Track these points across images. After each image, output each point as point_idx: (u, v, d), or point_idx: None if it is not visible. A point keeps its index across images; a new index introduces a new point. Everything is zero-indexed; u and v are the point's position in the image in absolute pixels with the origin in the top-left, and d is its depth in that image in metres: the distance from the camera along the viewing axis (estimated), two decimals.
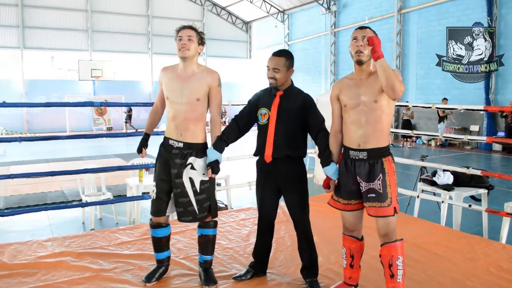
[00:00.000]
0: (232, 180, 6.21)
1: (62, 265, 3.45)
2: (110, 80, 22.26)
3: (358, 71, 2.75)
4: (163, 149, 3.11)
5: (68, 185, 7.90)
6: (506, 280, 3.19)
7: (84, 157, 12.19)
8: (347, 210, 2.85)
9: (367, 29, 2.70)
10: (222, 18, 27.61)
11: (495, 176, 4.42)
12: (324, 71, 22.36)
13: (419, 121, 16.93)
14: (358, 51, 2.66)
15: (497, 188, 6.49)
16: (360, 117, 2.69)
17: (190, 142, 3.01)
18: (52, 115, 21.62)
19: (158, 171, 3.13)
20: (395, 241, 2.69)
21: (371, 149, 2.68)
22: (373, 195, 2.67)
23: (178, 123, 3.01)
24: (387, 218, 2.66)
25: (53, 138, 4.61)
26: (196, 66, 3.07)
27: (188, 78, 3.01)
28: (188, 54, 2.98)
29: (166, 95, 3.06)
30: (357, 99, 2.70)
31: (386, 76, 2.51)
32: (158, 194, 3.11)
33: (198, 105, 3.01)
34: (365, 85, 2.70)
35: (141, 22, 24.91)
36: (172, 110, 3.03)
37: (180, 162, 3.00)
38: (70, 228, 5.34)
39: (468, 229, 4.74)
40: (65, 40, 23.03)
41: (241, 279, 3.21)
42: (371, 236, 3.36)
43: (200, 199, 3.03)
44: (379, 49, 2.55)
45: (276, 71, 3.00)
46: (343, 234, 2.97)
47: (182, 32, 3.01)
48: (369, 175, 2.69)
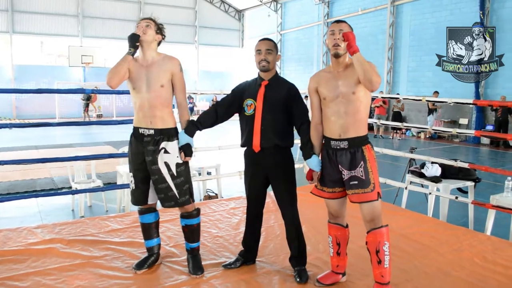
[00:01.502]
0: (223, 169, 6.24)
1: (52, 252, 3.47)
2: (101, 67, 22.04)
3: (335, 63, 2.83)
4: (134, 138, 3.12)
5: (58, 172, 7.87)
6: (490, 271, 3.26)
7: (74, 144, 12.12)
8: (332, 198, 2.92)
9: (344, 23, 2.80)
10: (214, 6, 27.41)
11: (482, 169, 4.48)
12: (316, 61, 22.36)
13: (409, 113, 17.03)
14: (335, 44, 2.74)
15: (484, 181, 6.58)
16: (339, 108, 2.77)
17: (161, 128, 3.04)
18: (41, 101, 21.39)
19: (132, 161, 3.15)
20: (381, 227, 2.75)
21: (351, 138, 2.76)
22: (355, 182, 2.74)
23: (146, 111, 3.03)
24: (371, 203, 2.73)
25: (44, 124, 4.58)
26: (156, 54, 3.11)
27: (149, 66, 3.04)
28: (144, 38, 3.01)
29: (132, 86, 3.06)
30: (335, 91, 2.78)
31: (363, 69, 2.59)
32: (136, 183, 3.14)
33: (163, 91, 3.03)
34: (342, 78, 2.78)
35: (132, 9, 24.62)
36: (138, 100, 3.05)
37: (153, 149, 3.02)
38: (60, 215, 5.33)
39: (454, 221, 4.82)
40: (55, 26, 22.72)
41: (230, 267, 3.24)
42: (357, 225, 3.41)
43: (179, 182, 3.06)
44: (354, 43, 2.65)
45: (269, 52, 3.04)
46: (329, 223, 3.04)
47: (141, 21, 3.08)
48: (351, 163, 2.76)
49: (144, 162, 3.06)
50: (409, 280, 3.11)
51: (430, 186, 4.90)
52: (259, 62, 3.06)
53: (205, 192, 6.02)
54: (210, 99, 25.48)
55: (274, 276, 3.15)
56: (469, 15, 14.43)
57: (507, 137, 12.55)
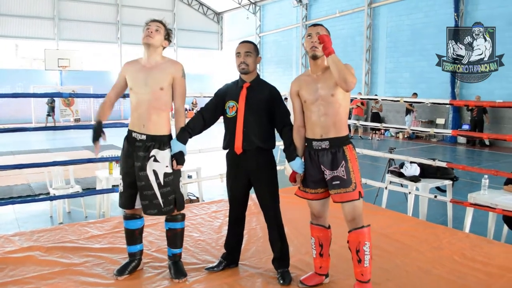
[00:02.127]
0: (204, 172, 6.21)
1: (30, 260, 3.38)
2: (78, 70, 21.73)
3: (314, 66, 2.90)
4: (127, 142, 3.09)
5: (35, 178, 7.71)
6: (469, 268, 3.32)
7: (51, 149, 11.91)
8: (315, 199, 2.94)
9: (320, 26, 2.88)
10: (193, 9, 27.31)
11: (460, 168, 4.56)
12: (295, 63, 22.48)
13: (387, 114, 17.26)
14: (312, 46, 2.82)
15: (462, 180, 6.72)
16: (320, 110, 2.82)
17: (153, 134, 2.99)
18: (16, 105, 20.89)
19: (122, 164, 3.12)
20: (362, 227, 2.79)
21: (332, 138, 2.80)
22: (337, 182, 2.78)
23: (141, 112, 2.99)
24: (353, 202, 2.77)
25: (21, 130, 4.48)
26: (160, 58, 3.08)
27: (152, 68, 3.01)
28: (151, 41, 2.98)
29: (130, 86, 3.04)
30: (315, 94, 2.83)
31: (338, 70, 2.65)
32: (124, 187, 3.10)
33: (162, 94, 3.00)
34: (321, 81, 2.84)
35: (110, 11, 24.37)
36: (135, 100, 3.02)
37: (143, 155, 2.98)
38: (38, 222, 5.23)
39: (433, 219, 4.89)
40: (31, 28, 22.31)
41: (213, 270, 3.22)
42: (339, 226, 3.43)
43: (165, 192, 3.02)
44: (329, 45, 2.71)
45: (248, 54, 3.04)
46: (311, 224, 3.05)
47: (151, 23, 3.04)
48: (332, 163, 2.80)
49: (133, 166, 3.02)
50: (390, 279, 3.14)
51: (410, 186, 4.97)
52: (239, 65, 3.06)
53: (186, 195, 5.98)
54: (190, 102, 25.38)
55: (257, 278, 3.14)
56: (443, 17, 14.74)
57: (483, 136, 12.82)
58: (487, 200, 4.22)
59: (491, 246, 3.79)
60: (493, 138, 4.96)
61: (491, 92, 13.59)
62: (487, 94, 13.59)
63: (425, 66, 15.69)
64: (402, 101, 4.81)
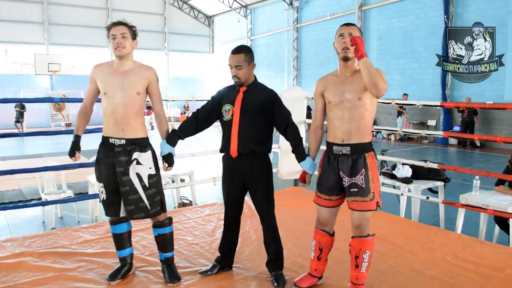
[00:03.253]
0: (197, 176, 6.20)
1: (23, 266, 3.36)
2: (68, 75, 21.61)
3: (343, 67, 2.79)
4: (104, 148, 3.03)
5: (27, 183, 7.64)
6: (461, 268, 3.35)
7: (43, 154, 11.83)
8: (328, 206, 2.89)
9: (353, 26, 2.75)
10: (184, 12, 27.30)
11: (451, 169, 4.59)
12: (287, 66, 22.53)
13: (379, 115, 17.34)
14: (345, 47, 2.70)
15: (453, 181, 6.76)
16: (344, 113, 2.73)
17: (133, 137, 2.97)
18: (6, 110, 20.68)
19: (102, 172, 3.04)
20: (367, 236, 2.76)
21: (354, 144, 2.73)
22: (355, 190, 2.71)
23: (118, 117, 2.94)
24: (365, 211, 2.72)
25: (11, 135, 4.45)
26: (132, 63, 3.03)
27: (126, 72, 2.97)
28: (124, 52, 2.94)
29: (103, 91, 2.97)
30: (341, 96, 2.74)
31: (369, 74, 2.54)
32: (108, 194, 3.05)
33: (138, 99, 2.98)
34: (349, 83, 2.74)
35: (100, 15, 24.26)
36: (110, 106, 2.95)
37: (125, 159, 2.94)
38: (30, 228, 5.19)
39: (426, 220, 4.92)
40: (20, 33, 22.17)
41: (207, 274, 3.22)
42: (337, 228, 3.43)
43: (150, 194, 3.00)
44: (362, 48, 2.59)
45: (238, 68, 3.00)
46: (316, 228, 3.02)
47: (114, 30, 2.94)
48: (352, 170, 2.73)
49: (115, 173, 2.98)
50: (384, 280, 3.16)
51: (402, 187, 4.99)
52: (232, 77, 3.05)
53: (179, 199, 5.97)
54: (181, 106, 25.33)
55: (252, 281, 3.14)
56: (434, 19, 14.86)
57: (474, 138, 12.91)
58: (478, 201, 4.26)
59: (483, 246, 3.82)
60: (483, 139, 5.00)
61: (481, 93, 13.73)
62: (478, 95, 13.73)
63: (416, 68, 15.82)
64: (394, 103, 4.84)
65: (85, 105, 3.15)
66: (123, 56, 2.96)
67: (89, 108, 3.16)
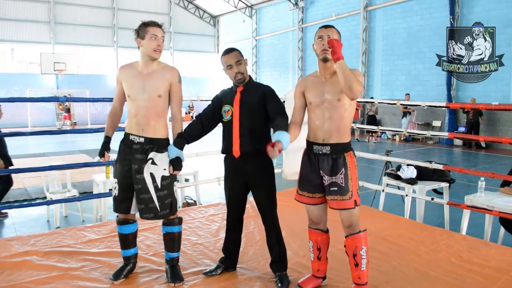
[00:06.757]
0: (201, 176, 6.21)
1: (28, 265, 3.37)
2: (74, 74, 21.69)
3: (323, 69, 2.83)
4: (124, 145, 3.08)
5: (32, 182, 7.68)
6: (466, 270, 3.33)
7: (48, 153, 11.89)
8: (312, 203, 2.92)
9: (332, 28, 2.79)
10: (189, 12, 27.33)
11: (456, 170, 4.58)
12: (292, 66, 22.51)
13: (384, 116, 17.31)
14: (324, 49, 2.74)
15: (458, 182, 6.73)
16: (324, 113, 2.79)
17: (152, 137, 2.99)
18: (12, 109, 20.79)
19: (119, 167, 3.09)
20: (359, 232, 2.80)
21: (334, 144, 2.78)
22: (335, 189, 2.77)
23: (140, 119, 2.98)
24: (349, 210, 2.77)
25: (17, 134, 4.48)
26: (156, 64, 3.05)
27: (149, 75, 2.99)
28: (159, 56, 2.99)
29: (127, 93, 3.02)
30: (321, 97, 2.79)
31: (344, 77, 2.59)
32: (120, 190, 3.08)
33: (160, 101, 2.99)
34: (329, 84, 2.79)
35: (106, 15, 24.34)
36: (133, 107, 3.00)
37: (141, 158, 2.97)
38: (35, 227, 5.21)
39: (430, 221, 4.90)
40: (26, 32, 22.24)
41: (211, 275, 3.22)
42: (336, 229, 3.43)
43: (162, 195, 3.01)
44: (339, 51, 2.64)
45: (239, 63, 3.05)
46: (309, 228, 3.05)
47: (156, 30, 2.95)
48: (332, 169, 2.78)
49: (131, 169, 3.00)
50: (388, 281, 3.15)
51: (406, 188, 4.98)
52: (235, 76, 3.06)
53: (184, 199, 5.98)
54: (186, 105, 25.37)
55: (255, 282, 3.14)
56: (439, 19, 14.80)
57: (479, 139, 12.84)
58: (483, 202, 4.24)
59: (488, 248, 3.80)
60: (489, 140, 4.97)
61: (487, 94, 13.67)
62: (483, 96, 13.67)
63: (421, 68, 15.76)
64: (399, 103, 4.83)
65: (114, 106, 3.21)
66: (156, 59, 2.99)
67: (118, 109, 3.21)
